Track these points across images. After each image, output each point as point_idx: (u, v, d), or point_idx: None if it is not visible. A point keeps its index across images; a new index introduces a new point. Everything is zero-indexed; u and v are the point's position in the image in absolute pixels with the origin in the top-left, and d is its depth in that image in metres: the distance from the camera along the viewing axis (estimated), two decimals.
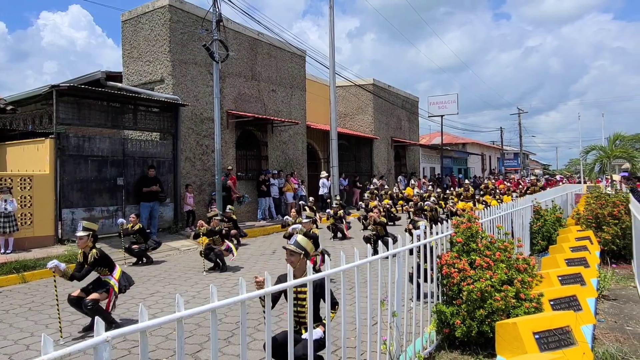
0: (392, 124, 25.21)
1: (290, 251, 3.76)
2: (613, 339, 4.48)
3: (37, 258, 8.47)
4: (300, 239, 3.86)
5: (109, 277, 5.40)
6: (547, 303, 4.38)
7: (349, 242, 11.66)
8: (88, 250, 5.34)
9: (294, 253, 3.75)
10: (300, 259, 3.74)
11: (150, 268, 8.70)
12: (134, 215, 9.65)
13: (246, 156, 15.59)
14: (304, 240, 3.87)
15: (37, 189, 9.69)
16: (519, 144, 48.79)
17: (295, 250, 3.75)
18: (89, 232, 5.35)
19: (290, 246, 3.78)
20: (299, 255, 3.74)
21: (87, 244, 5.32)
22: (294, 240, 3.84)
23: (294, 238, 3.88)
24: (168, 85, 12.50)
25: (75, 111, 10.41)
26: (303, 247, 3.79)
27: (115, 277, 5.44)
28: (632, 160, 21.26)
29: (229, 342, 4.79)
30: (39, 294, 7.00)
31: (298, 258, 3.74)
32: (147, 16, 12.90)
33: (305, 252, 3.79)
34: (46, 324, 5.51)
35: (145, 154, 11.82)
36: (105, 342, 1.58)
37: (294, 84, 17.26)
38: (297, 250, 3.75)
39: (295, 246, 3.77)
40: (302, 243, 3.82)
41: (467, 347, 4.07)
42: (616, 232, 8.15)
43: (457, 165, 37.94)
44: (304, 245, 3.81)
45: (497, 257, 4.24)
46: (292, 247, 3.77)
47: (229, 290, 6.91)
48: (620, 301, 5.85)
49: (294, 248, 3.76)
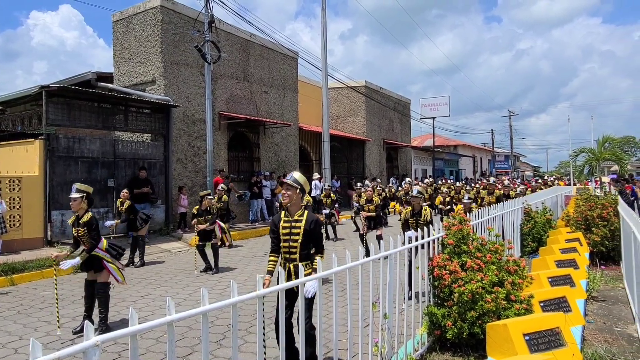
0: (384, 125, 25.29)
1: (287, 185, 3.84)
2: (602, 340, 4.53)
3: (26, 260, 8.38)
4: (297, 176, 3.93)
5: (97, 250, 5.31)
6: (537, 304, 4.42)
7: (342, 243, 11.67)
8: (82, 213, 5.31)
9: (291, 187, 3.84)
10: (296, 193, 3.84)
11: (141, 270, 8.64)
12: (125, 190, 9.28)
13: (238, 158, 15.55)
14: (301, 177, 3.94)
15: (26, 190, 9.59)
16: (510, 146, 49.21)
17: (292, 184, 3.84)
18: (83, 193, 5.32)
19: (288, 181, 3.87)
20: (295, 190, 3.83)
21: (81, 206, 5.30)
22: (290, 177, 3.91)
23: (291, 175, 3.94)
24: (159, 86, 12.43)
25: (65, 112, 10.32)
26: (300, 183, 3.87)
27: (102, 249, 5.36)
28: (620, 162, 21.51)
29: (221, 344, 4.77)
30: (27, 296, 6.92)
31: (295, 192, 3.83)
32: (139, 17, 12.84)
33: (301, 187, 3.86)
34: (35, 327, 5.44)
35: (136, 156, 11.74)
36: (95, 347, 1.57)
37: (286, 86, 17.26)
38: (294, 184, 3.83)
39: (292, 181, 3.85)
40: (299, 179, 3.90)
41: (458, 348, 4.09)
42: (605, 233, 8.23)
43: (449, 167, 38.15)
44: (301, 181, 3.89)
45: (488, 259, 4.26)
46: (289, 181, 3.86)
47: (220, 292, 6.87)
48: (609, 302, 5.91)
49: (291, 182, 3.85)
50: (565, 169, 51.22)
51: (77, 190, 5.34)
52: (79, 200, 5.29)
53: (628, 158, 26.34)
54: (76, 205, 5.30)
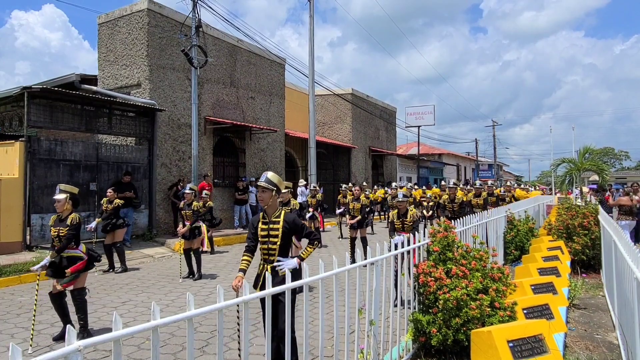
0: (370, 133, 25.44)
1: (262, 188, 3.77)
2: (583, 347, 4.59)
3: (3, 265, 8.17)
4: (271, 175, 3.85)
5: (76, 251, 5.20)
6: (521, 311, 4.46)
7: (326, 250, 11.65)
8: (66, 214, 5.18)
9: (266, 190, 3.78)
10: (272, 195, 3.78)
11: (123, 276, 8.49)
12: (111, 189, 9.09)
13: (223, 163, 15.46)
14: (275, 177, 3.86)
15: (5, 193, 9.36)
16: (494, 155, 49.91)
17: (267, 186, 3.77)
18: (67, 194, 5.20)
19: (262, 183, 3.79)
20: (270, 192, 3.78)
21: (65, 207, 5.17)
22: (264, 177, 3.82)
23: (265, 175, 3.86)
24: (145, 89, 12.32)
25: (47, 114, 10.14)
26: (274, 184, 3.80)
27: (82, 251, 5.26)
28: (601, 173, 21.92)
29: (204, 351, 4.70)
30: (4, 302, 6.74)
31: (270, 195, 3.78)
32: (125, 19, 12.73)
33: (276, 188, 3.80)
34: (12, 334, 5.30)
35: (119, 159, 11.58)
36: (77, 352, 1.53)
37: (273, 92, 17.26)
38: (269, 186, 3.77)
39: (266, 182, 3.78)
40: (273, 179, 3.82)
41: (443, 355, 4.10)
42: (586, 242, 8.37)
43: (433, 175, 38.49)
44: (275, 181, 3.82)
45: (473, 266, 4.30)
46: (263, 183, 3.79)
47: (203, 298, 6.79)
48: (590, 310, 6.01)
49: (265, 184, 3.77)
50: (547, 178, 52.09)
51: (60, 190, 5.24)
52: (63, 201, 5.17)
53: (608, 169, 26.91)
54: (60, 207, 5.18)
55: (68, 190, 5.28)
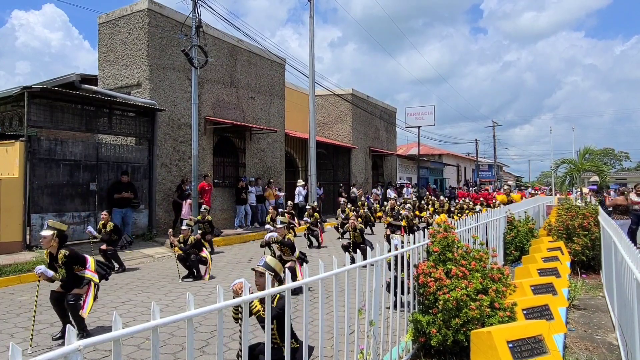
0: (370, 133, 25.44)
1: (260, 273, 3.74)
2: (583, 348, 4.59)
3: (3, 265, 8.17)
4: (269, 260, 3.85)
5: (84, 272, 5.19)
6: (521, 312, 4.46)
7: (326, 250, 11.65)
8: (55, 251, 5.11)
9: (263, 275, 3.72)
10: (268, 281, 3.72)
11: (123, 276, 8.49)
12: (105, 212, 9.20)
13: (224, 163, 15.45)
14: (273, 261, 3.87)
15: (5, 193, 9.37)
16: (494, 156, 49.89)
17: (264, 271, 3.73)
18: (54, 231, 5.11)
19: (259, 267, 3.77)
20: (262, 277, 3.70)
21: (51, 244, 5.07)
22: (262, 262, 3.83)
23: (263, 259, 3.86)
24: (145, 89, 12.32)
25: (47, 114, 10.14)
26: (272, 268, 3.79)
27: (91, 269, 5.25)
28: (600, 173, 21.95)
29: (204, 351, 4.70)
30: (4, 302, 6.74)
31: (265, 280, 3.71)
32: (125, 19, 12.73)
33: (275, 273, 3.79)
34: (11, 334, 5.30)
35: (119, 159, 11.59)
36: (77, 352, 1.53)
37: (273, 92, 17.26)
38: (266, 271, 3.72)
39: (264, 267, 3.77)
40: (271, 264, 3.83)
41: (443, 355, 4.10)
42: (586, 243, 8.37)
43: (433, 175, 38.48)
44: (273, 266, 3.82)
45: (473, 267, 4.30)
46: (260, 268, 3.76)
47: (203, 299, 6.79)
48: (590, 310, 6.01)
49: (262, 269, 3.75)
50: (547, 179, 52.11)
51: (48, 227, 5.14)
52: (49, 238, 5.04)
53: (608, 169, 26.93)
54: (46, 243, 5.08)
55: (56, 227, 5.15)
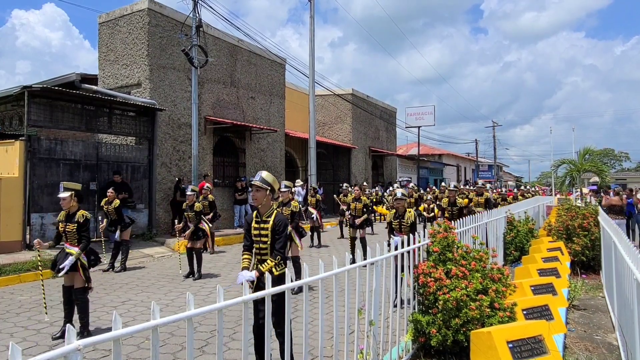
0: (370, 133, 25.44)
1: (256, 187, 3.75)
2: (583, 348, 4.59)
3: (3, 264, 8.17)
4: (265, 175, 3.84)
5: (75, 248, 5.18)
6: (521, 312, 4.46)
7: (326, 250, 11.65)
8: (74, 210, 5.19)
9: (260, 189, 3.76)
10: (266, 195, 3.77)
11: (122, 275, 8.49)
12: (111, 190, 9.02)
13: (223, 163, 15.46)
14: (269, 176, 3.86)
15: (5, 192, 9.36)
16: (494, 156, 49.91)
17: (261, 185, 3.75)
18: (71, 191, 5.21)
19: (256, 182, 3.77)
20: (264, 191, 3.76)
21: (71, 204, 5.19)
22: (258, 177, 3.81)
23: (259, 174, 3.85)
24: (145, 89, 12.32)
25: (47, 113, 10.14)
26: (268, 183, 3.79)
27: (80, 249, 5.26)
28: (600, 174, 21.95)
29: (203, 351, 4.70)
30: (4, 301, 6.73)
31: (264, 194, 3.76)
32: (125, 19, 12.73)
33: (270, 187, 3.79)
34: (11, 333, 5.30)
35: (119, 159, 11.58)
36: (77, 351, 1.53)
37: (274, 92, 17.26)
38: (263, 185, 3.76)
39: (260, 182, 3.76)
40: (267, 179, 3.81)
41: (443, 355, 4.10)
42: (586, 243, 8.37)
43: (433, 175, 38.47)
44: (269, 180, 3.80)
45: (473, 267, 4.29)
46: (257, 182, 3.76)
47: (203, 298, 6.79)
48: (590, 311, 6.00)
49: (259, 184, 3.75)
50: (547, 179, 52.09)
51: (64, 188, 5.24)
52: (69, 199, 5.18)
53: (608, 170, 26.94)
54: (66, 204, 5.21)
55: (71, 187, 5.29)
